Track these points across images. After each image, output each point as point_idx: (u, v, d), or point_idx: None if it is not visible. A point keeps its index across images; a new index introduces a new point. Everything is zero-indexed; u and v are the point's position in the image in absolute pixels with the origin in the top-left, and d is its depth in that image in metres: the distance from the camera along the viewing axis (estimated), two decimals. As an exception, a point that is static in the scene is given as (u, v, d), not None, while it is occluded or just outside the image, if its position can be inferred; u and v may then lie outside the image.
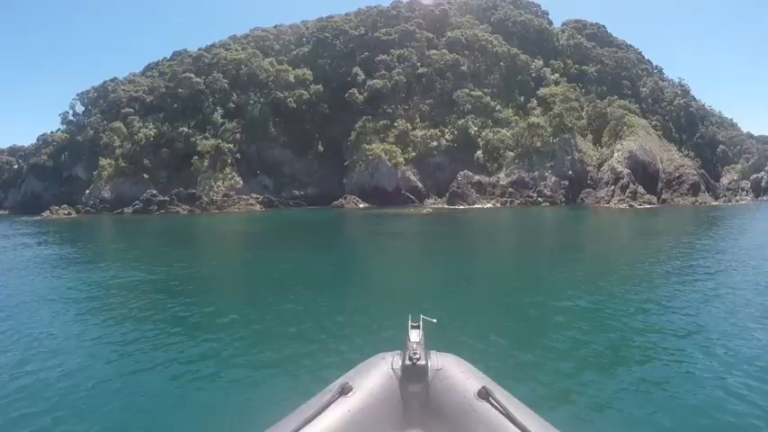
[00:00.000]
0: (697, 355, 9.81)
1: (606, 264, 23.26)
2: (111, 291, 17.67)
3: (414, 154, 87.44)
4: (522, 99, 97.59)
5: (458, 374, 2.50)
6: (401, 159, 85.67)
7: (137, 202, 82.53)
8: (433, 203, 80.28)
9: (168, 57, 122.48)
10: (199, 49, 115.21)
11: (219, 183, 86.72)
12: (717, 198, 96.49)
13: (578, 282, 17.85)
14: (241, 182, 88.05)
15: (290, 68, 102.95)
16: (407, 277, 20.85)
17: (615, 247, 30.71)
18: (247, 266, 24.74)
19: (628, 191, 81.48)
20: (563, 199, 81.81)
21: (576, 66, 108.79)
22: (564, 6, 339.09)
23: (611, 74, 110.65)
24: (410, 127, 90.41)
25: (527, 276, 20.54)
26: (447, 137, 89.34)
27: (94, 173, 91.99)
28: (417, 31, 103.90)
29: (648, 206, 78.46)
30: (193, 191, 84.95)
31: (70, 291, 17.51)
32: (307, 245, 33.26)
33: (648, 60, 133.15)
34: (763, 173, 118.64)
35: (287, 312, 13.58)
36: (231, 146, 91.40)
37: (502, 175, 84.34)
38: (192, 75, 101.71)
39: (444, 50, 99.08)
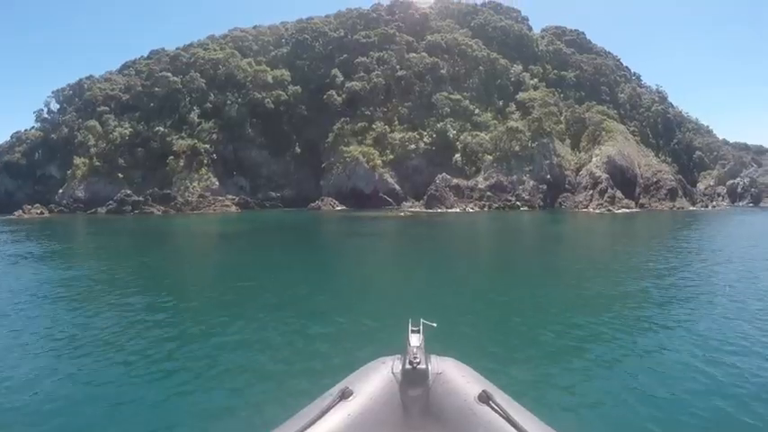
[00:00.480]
0: (706, 368, 9.68)
1: (590, 269, 23.07)
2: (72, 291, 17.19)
3: (392, 156, 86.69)
4: (500, 103, 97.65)
5: (458, 378, 2.45)
6: (379, 162, 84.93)
7: (110, 202, 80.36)
8: (411, 206, 79.48)
9: (146, 55, 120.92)
10: (177, 49, 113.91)
11: (195, 183, 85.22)
12: (694, 203, 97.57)
13: (559, 286, 18.26)
14: (217, 183, 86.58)
15: (269, 69, 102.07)
16: (387, 282, 20.38)
17: (598, 253, 30.51)
18: (218, 270, 23.92)
19: (606, 195, 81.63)
20: (541, 203, 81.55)
21: (555, 71, 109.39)
22: (544, 13, 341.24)
23: (589, 80, 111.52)
24: (388, 129, 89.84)
25: (506, 282, 20.47)
26: (425, 140, 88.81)
27: (68, 172, 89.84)
28: (397, 34, 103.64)
29: (627, 211, 78.83)
30: (168, 191, 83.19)
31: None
32: (282, 249, 32.33)
33: (626, 67, 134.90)
34: (739, 179, 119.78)
35: (259, 321, 13.27)
36: (207, 146, 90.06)
37: (480, 178, 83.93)
38: (170, 74, 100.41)
39: (424, 54, 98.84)
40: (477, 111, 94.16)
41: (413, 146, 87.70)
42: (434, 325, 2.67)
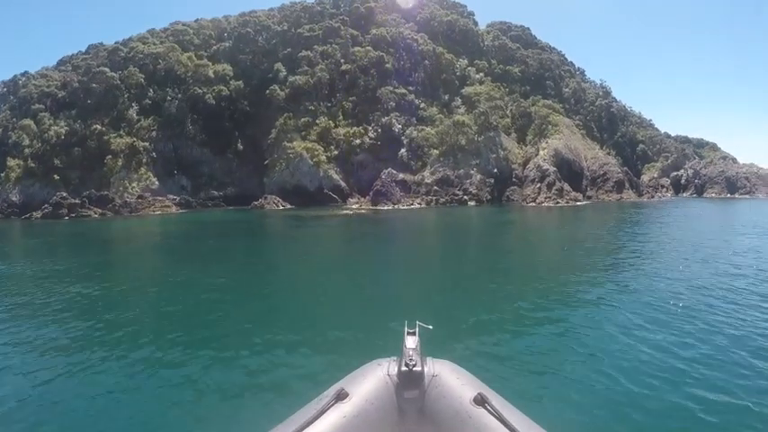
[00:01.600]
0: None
1: (546, 262, 23.74)
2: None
3: (336, 152, 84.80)
4: (446, 98, 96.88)
5: (454, 381, 2.48)
6: (323, 158, 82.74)
7: (46, 205, 75.71)
8: (357, 203, 77.84)
9: (84, 50, 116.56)
10: (115, 43, 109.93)
11: (134, 184, 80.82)
12: (640, 195, 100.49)
13: (523, 289, 17.82)
14: (157, 182, 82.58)
15: (210, 64, 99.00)
16: (330, 288, 18.99)
17: (556, 245, 30.78)
18: (153, 282, 21.45)
19: (554, 188, 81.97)
20: (488, 197, 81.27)
21: (501, 66, 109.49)
22: (490, 8, 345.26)
23: (534, 74, 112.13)
24: (333, 124, 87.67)
25: (461, 278, 20.03)
26: (370, 134, 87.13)
27: (2, 174, 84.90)
28: (342, 27, 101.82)
29: (575, 203, 79.64)
30: (106, 192, 78.48)
31: None
32: (222, 254, 29.53)
33: (571, 62, 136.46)
34: (682, 171, 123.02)
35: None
36: (147, 144, 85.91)
37: (427, 173, 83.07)
38: (107, 69, 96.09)
39: (369, 48, 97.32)
40: (422, 105, 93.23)
41: (358, 141, 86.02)
42: (430, 327, 2.71)
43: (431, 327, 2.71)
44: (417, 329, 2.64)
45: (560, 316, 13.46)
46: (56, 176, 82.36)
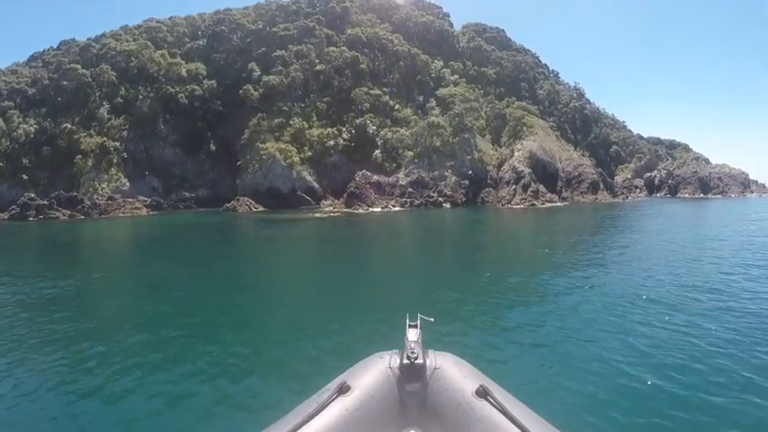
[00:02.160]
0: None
1: (528, 265, 23.60)
2: None
3: (310, 153, 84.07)
4: (421, 99, 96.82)
5: (456, 373, 2.48)
6: (296, 159, 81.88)
7: (13, 206, 73.35)
8: (330, 205, 77.10)
9: (55, 46, 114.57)
10: (88, 39, 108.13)
11: (104, 184, 78.99)
12: (615, 196, 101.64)
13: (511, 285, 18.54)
14: (128, 183, 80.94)
15: (183, 62, 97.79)
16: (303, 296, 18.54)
17: (539, 250, 29.78)
18: (120, 289, 20.53)
19: (529, 190, 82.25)
20: (463, 199, 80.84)
21: (476, 67, 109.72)
22: (465, 10, 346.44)
23: (509, 76, 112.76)
24: (306, 125, 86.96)
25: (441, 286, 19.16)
26: (344, 136, 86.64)
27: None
28: (317, 27, 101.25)
29: (551, 205, 80.00)
30: (75, 194, 76.41)
31: None
32: (192, 260, 28.28)
33: (545, 65, 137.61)
34: (656, 171, 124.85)
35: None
36: (117, 144, 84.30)
37: (401, 174, 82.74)
38: (79, 66, 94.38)
39: (344, 48, 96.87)
40: (397, 106, 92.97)
41: (331, 142, 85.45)
42: (432, 320, 2.70)
43: (432, 319, 2.73)
44: (419, 322, 2.65)
45: (550, 319, 13.82)
46: (24, 176, 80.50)
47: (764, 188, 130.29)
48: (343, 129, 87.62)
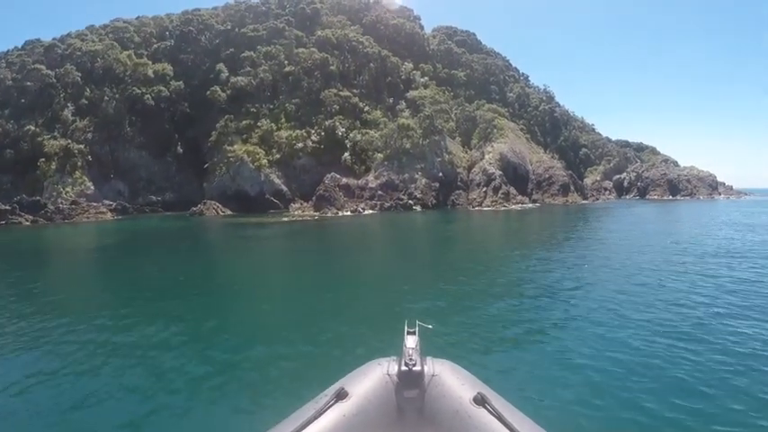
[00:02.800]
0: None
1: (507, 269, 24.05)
2: None
3: (278, 156, 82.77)
4: (390, 101, 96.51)
5: (454, 380, 2.48)
6: (265, 161, 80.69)
7: None
8: (299, 208, 75.77)
9: (20, 46, 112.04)
10: (53, 39, 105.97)
11: (68, 188, 76.50)
12: (585, 198, 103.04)
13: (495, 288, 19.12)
14: (92, 187, 78.48)
15: (150, 63, 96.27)
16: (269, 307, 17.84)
17: (519, 252, 30.21)
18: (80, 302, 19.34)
19: (500, 192, 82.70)
20: (434, 201, 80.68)
21: (446, 70, 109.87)
22: (436, 13, 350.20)
23: (479, 79, 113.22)
24: (275, 127, 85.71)
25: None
26: (313, 138, 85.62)
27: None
28: (287, 28, 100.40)
29: (522, 207, 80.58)
30: (38, 198, 73.97)
31: None
32: (153, 270, 26.74)
33: (515, 68, 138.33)
34: (625, 174, 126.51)
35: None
36: (82, 147, 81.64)
37: (371, 177, 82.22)
38: (43, 66, 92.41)
39: (314, 49, 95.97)
40: (366, 108, 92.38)
41: (300, 144, 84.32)
42: (431, 327, 2.75)
43: (431, 326, 2.73)
44: (417, 329, 2.61)
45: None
46: (-14, 181, 78.62)
47: (732, 190, 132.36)
48: (312, 131, 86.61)
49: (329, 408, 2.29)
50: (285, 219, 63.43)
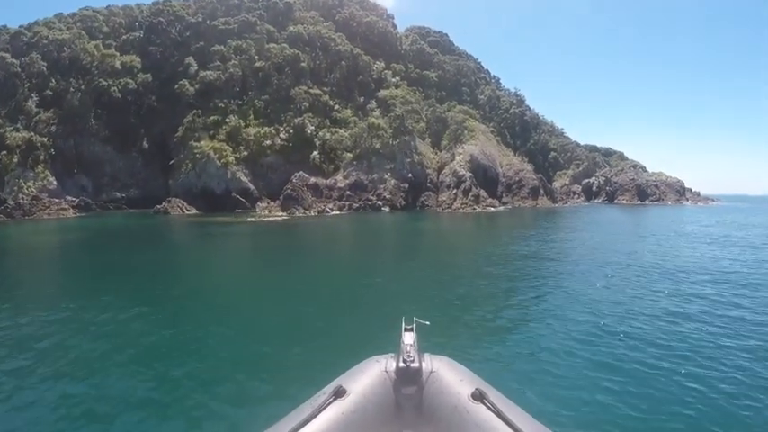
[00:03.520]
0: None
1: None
2: None
3: (245, 153, 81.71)
4: (361, 100, 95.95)
5: (452, 377, 2.50)
6: (231, 159, 79.52)
7: None
8: (266, 207, 74.28)
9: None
10: (19, 27, 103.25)
11: (30, 183, 74.14)
12: (555, 201, 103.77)
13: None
14: (55, 182, 76.57)
15: (118, 54, 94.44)
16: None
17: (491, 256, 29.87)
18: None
19: (470, 194, 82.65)
20: (403, 203, 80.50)
21: (418, 70, 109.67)
22: (409, 13, 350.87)
23: (451, 80, 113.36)
24: (243, 124, 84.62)
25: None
26: (282, 135, 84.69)
27: None
28: (258, 23, 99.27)
29: (492, 209, 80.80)
30: None
31: None
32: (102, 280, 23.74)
33: (487, 70, 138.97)
34: (594, 178, 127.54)
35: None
36: (45, 140, 79.57)
37: (340, 177, 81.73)
38: (8, 55, 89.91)
39: (285, 45, 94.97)
40: (336, 107, 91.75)
41: (268, 142, 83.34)
42: (428, 323, 2.70)
43: (428, 323, 2.69)
44: (414, 325, 2.61)
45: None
46: (-53, 176, 75.99)
47: (699, 196, 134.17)
48: (281, 128, 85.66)
49: (328, 405, 2.29)
50: (251, 219, 62.17)
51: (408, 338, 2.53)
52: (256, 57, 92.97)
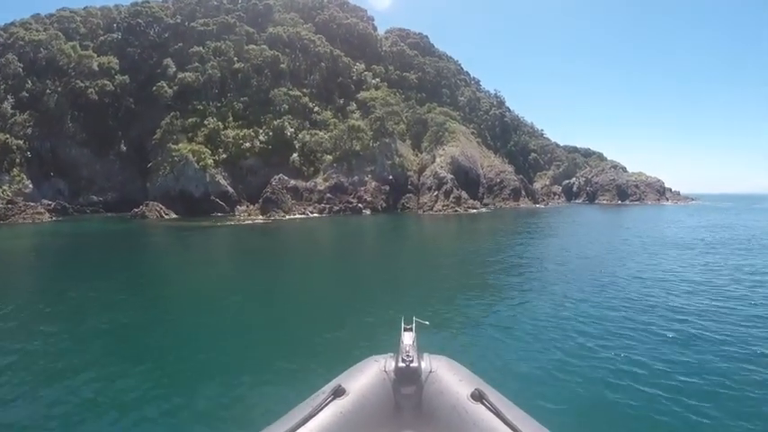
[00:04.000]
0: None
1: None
2: None
3: (224, 156, 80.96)
4: (341, 102, 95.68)
5: (451, 376, 2.51)
6: (210, 161, 78.50)
7: None
8: (245, 211, 73.92)
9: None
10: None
11: (6, 187, 72.54)
12: (536, 202, 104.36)
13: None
14: (31, 186, 75.26)
15: (95, 55, 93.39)
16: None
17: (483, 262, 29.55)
18: None
19: (452, 196, 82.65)
20: (384, 205, 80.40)
21: (398, 72, 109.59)
22: (390, 15, 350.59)
23: (431, 82, 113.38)
24: (222, 126, 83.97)
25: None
26: (261, 138, 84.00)
27: None
28: (238, 24, 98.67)
29: (474, 211, 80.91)
30: None
31: None
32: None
33: (467, 72, 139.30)
34: (574, 179, 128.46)
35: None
36: (21, 142, 78.41)
37: (320, 179, 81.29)
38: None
39: (264, 46, 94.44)
40: (316, 108, 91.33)
41: (248, 144, 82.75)
42: (427, 323, 2.74)
43: (427, 323, 2.72)
44: (414, 325, 2.62)
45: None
46: None
47: (679, 196, 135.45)
48: (260, 130, 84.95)
49: (327, 405, 2.29)
50: (230, 223, 61.61)
51: (408, 338, 2.54)
52: (235, 58, 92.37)
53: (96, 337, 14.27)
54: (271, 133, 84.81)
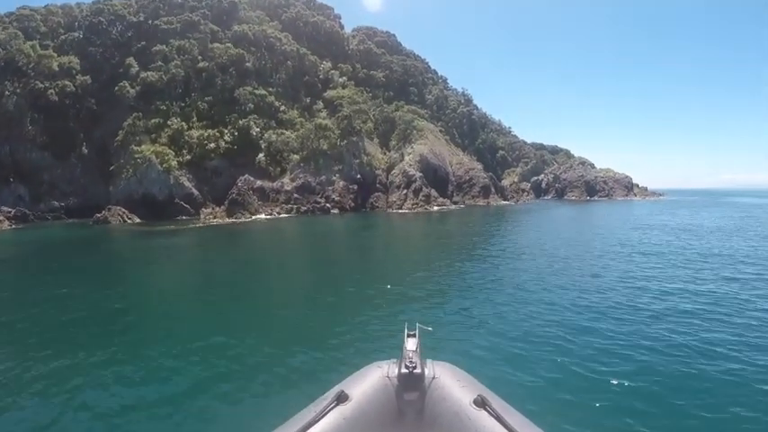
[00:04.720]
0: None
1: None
2: None
3: (189, 157, 79.56)
4: (308, 100, 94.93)
5: (454, 383, 2.52)
6: (174, 163, 77.01)
7: None
8: (211, 213, 72.00)
9: None
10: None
11: None
12: (506, 199, 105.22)
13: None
14: None
15: (56, 55, 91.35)
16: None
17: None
18: None
19: (421, 194, 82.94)
20: (352, 204, 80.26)
21: (365, 70, 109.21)
22: (357, 14, 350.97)
23: (398, 80, 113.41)
24: (186, 126, 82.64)
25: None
26: (226, 138, 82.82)
27: None
28: (202, 22, 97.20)
29: (444, 208, 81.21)
30: None
31: None
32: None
33: (434, 70, 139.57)
34: (543, 176, 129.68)
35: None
36: None
37: (287, 179, 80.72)
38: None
39: (229, 45, 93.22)
40: (282, 107, 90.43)
41: (212, 145, 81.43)
42: (430, 329, 2.79)
43: (430, 329, 2.75)
44: (417, 332, 2.63)
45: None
46: None
47: (647, 191, 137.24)
48: (226, 130, 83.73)
49: (330, 410, 2.29)
50: (195, 226, 60.45)
51: (411, 344, 2.53)
52: (199, 57, 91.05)
53: (43, 361, 13.21)
54: (236, 133, 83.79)
